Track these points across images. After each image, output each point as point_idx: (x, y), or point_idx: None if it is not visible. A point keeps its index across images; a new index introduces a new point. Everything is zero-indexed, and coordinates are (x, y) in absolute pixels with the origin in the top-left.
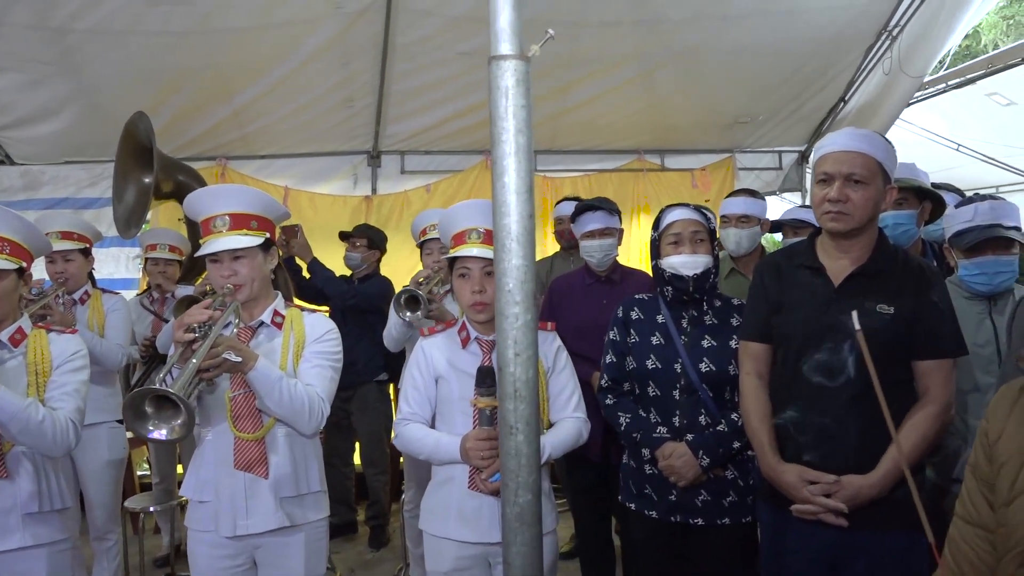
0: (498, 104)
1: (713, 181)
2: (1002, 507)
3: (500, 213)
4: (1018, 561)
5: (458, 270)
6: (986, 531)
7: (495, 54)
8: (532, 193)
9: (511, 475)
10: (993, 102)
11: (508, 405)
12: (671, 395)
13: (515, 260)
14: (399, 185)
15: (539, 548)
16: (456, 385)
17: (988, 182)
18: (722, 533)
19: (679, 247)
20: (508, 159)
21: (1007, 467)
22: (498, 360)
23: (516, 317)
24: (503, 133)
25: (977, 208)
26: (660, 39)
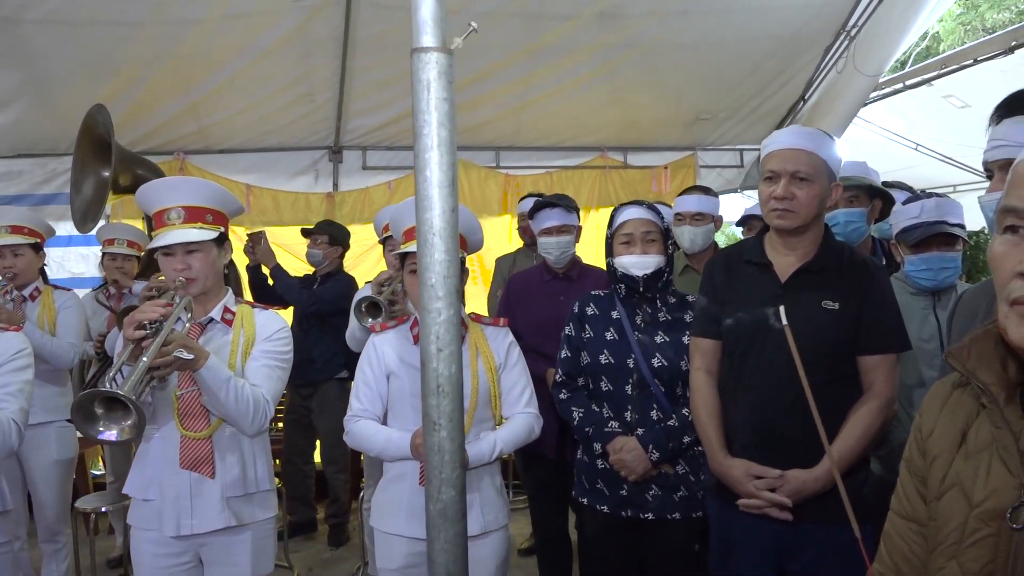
0: (420, 97)
1: (675, 178)
2: (933, 501)
3: (423, 207)
4: (948, 555)
5: (409, 266)
6: (919, 525)
7: (417, 46)
8: (455, 187)
9: (434, 472)
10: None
11: (431, 401)
12: (623, 390)
13: (438, 255)
14: (361, 181)
15: (463, 545)
16: (408, 381)
17: (945, 181)
18: (672, 527)
19: (630, 247)
20: (430, 152)
21: (938, 462)
22: (421, 356)
23: (439, 312)
24: (425, 127)
25: (923, 205)
26: (621, 33)
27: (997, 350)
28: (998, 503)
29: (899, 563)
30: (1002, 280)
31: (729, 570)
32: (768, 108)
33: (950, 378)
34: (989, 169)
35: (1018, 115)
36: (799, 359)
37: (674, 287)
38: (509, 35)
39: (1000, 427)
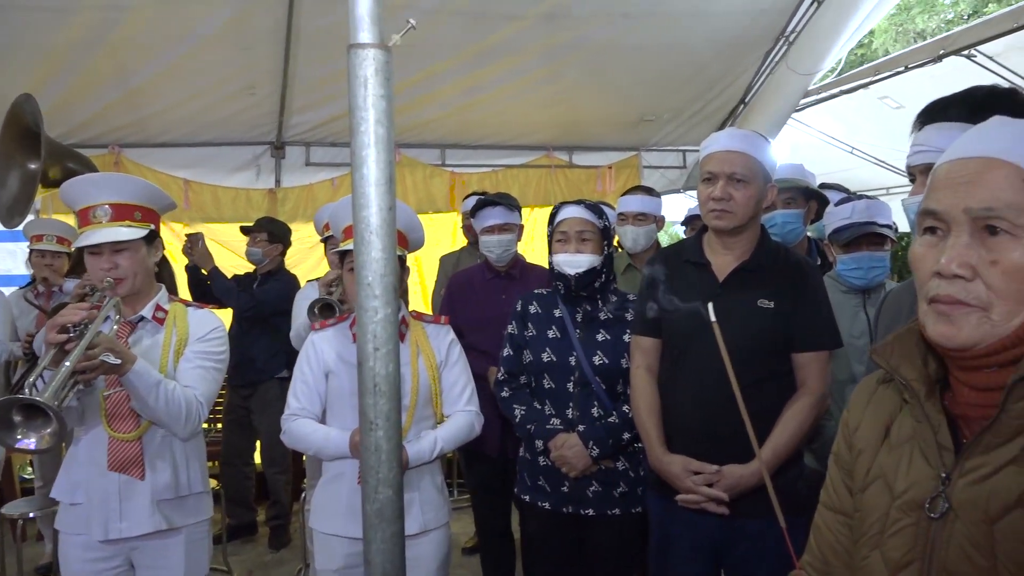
0: (356, 94)
1: (619, 178)
2: (859, 493)
3: (359, 205)
4: (871, 544)
5: (348, 264)
6: (846, 517)
7: (354, 42)
8: (393, 184)
9: (371, 471)
10: (885, 105)
11: (368, 400)
12: (565, 388)
13: (375, 253)
14: (304, 178)
15: (400, 545)
16: (347, 379)
17: (880, 184)
18: (613, 523)
19: (565, 245)
20: (367, 150)
21: (864, 455)
22: (358, 354)
23: (376, 311)
24: (362, 123)
25: (855, 206)
26: (566, 34)
27: (918, 347)
28: (918, 494)
29: (827, 554)
30: (921, 279)
31: (668, 564)
32: (710, 110)
33: (876, 374)
34: (912, 173)
35: (938, 122)
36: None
37: (615, 286)
38: (455, 34)
39: (921, 421)
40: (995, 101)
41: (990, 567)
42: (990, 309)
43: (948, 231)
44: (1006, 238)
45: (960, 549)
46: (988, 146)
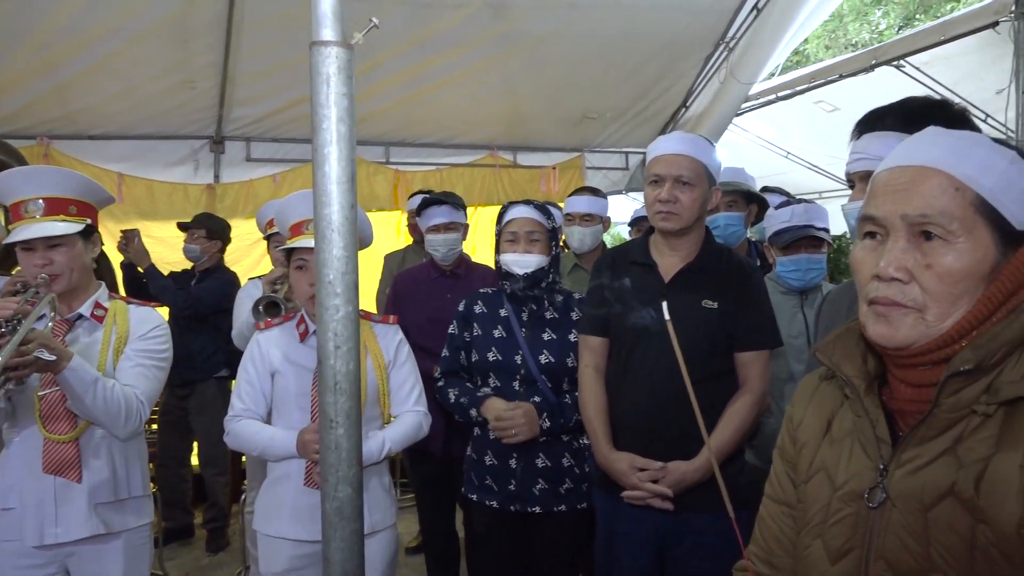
0: (319, 91)
1: (563, 179)
2: (802, 485)
3: (321, 203)
4: (814, 533)
5: (295, 262)
6: (790, 508)
7: (316, 39)
8: (354, 183)
9: (331, 470)
10: (819, 110)
11: (328, 398)
12: (511, 387)
13: (336, 251)
14: (245, 173)
15: (359, 544)
16: (293, 379)
17: (813, 188)
18: (559, 520)
19: (514, 245)
20: (329, 147)
21: (807, 449)
22: (318, 352)
23: (337, 309)
24: (324, 121)
25: (794, 210)
26: (509, 23)
27: (858, 345)
28: (857, 485)
29: (771, 544)
30: (861, 282)
31: (613, 560)
32: (651, 112)
33: (818, 371)
34: (851, 180)
35: (876, 130)
36: (680, 354)
37: (561, 285)
38: (398, 23)
39: (860, 416)
40: (929, 111)
41: (924, 553)
42: (925, 310)
43: (886, 236)
44: (939, 243)
45: (897, 536)
46: (923, 156)
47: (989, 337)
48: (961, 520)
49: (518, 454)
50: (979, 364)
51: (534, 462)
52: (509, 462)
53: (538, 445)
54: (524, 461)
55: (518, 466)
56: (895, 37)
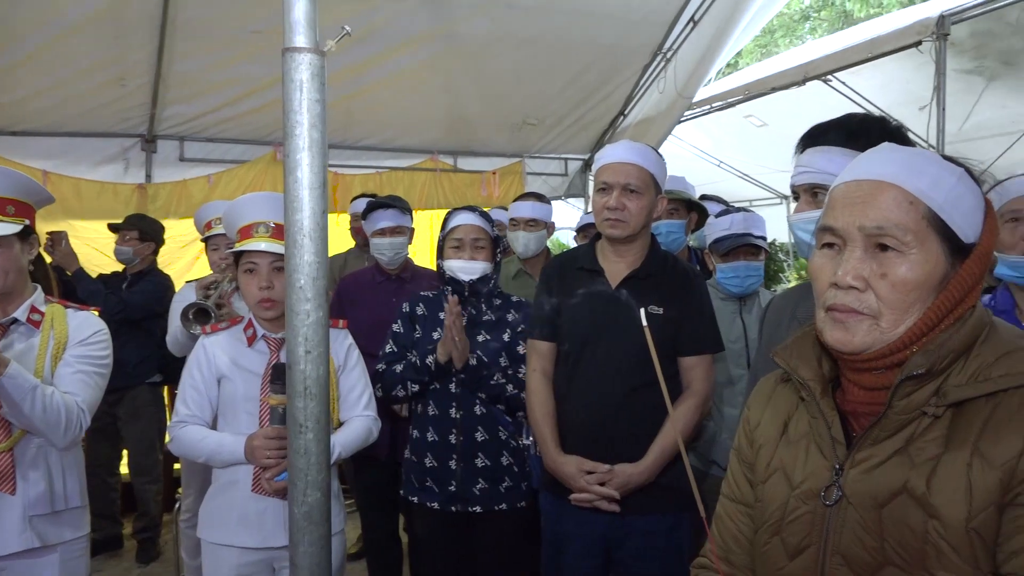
0: (292, 98)
1: (503, 183)
2: (759, 484)
3: (292, 208)
4: (772, 531)
5: (244, 265)
6: (747, 507)
7: (289, 46)
8: (326, 189)
9: (300, 474)
10: (749, 123)
11: (298, 403)
12: (448, 388)
13: (307, 256)
14: (177, 173)
15: (327, 548)
16: (241, 385)
17: (744, 196)
18: (500, 519)
19: (460, 251)
20: (301, 154)
21: (764, 449)
22: (288, 357)
23: (307, 314)
24: (296, 127)
25: (733, 219)
26: (448, 24)
27: (814, 349)
28: (814, 484)
29: (728, 542)
30: (820, 289)
31: (561, 562)
32: (590, 119)
33: (774, 374)
34: (796, 192)
35: (819, 145)
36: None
37: (500, 289)
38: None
39: (816, 417)
40: (868, 127)
41: (878, 547)
42: (880, 317)
43: (844, 246)
44: (894, 254)
45: (852, 532)
46: (880, 170)
47: (938, 343)
48: (914, 516)
49: (457, 455)
50: (930, 369)
51: (473, 462)
52: (449, 463)
53: (477, 445)
54: (464, 461)
55: (458, 467)
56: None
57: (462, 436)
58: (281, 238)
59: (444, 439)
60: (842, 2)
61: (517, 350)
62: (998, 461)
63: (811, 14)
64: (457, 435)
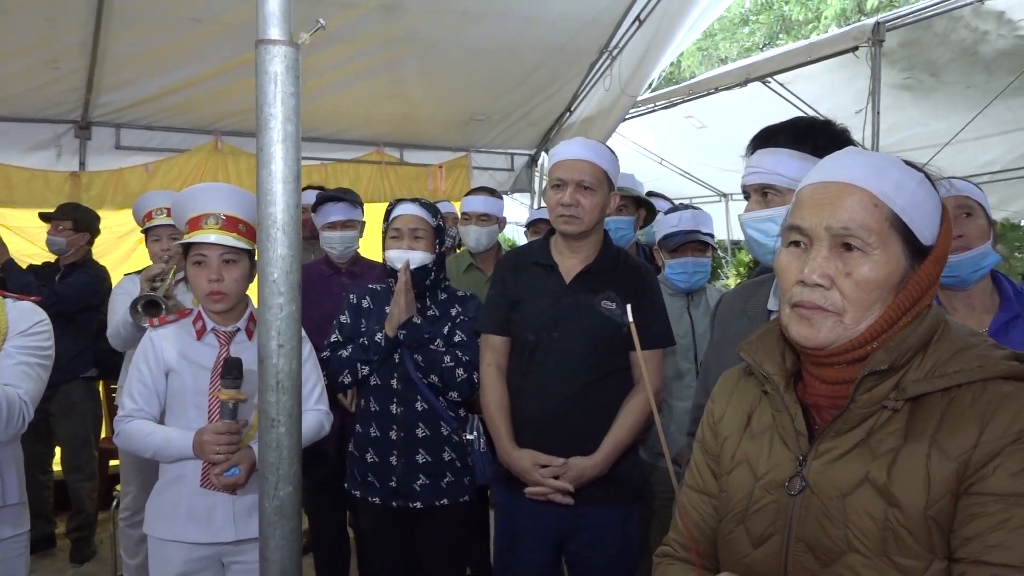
0: (266, 90)
1: (449, 177)
2: (724, 475)
3: (265, 202)
4: (736, 520)
5: (193, 257)
6: (711, 497)
7: (263, 38)
8: (299, 182)
9: (271, 468)
10: (690, 124)
11: (270, 397)
12: (389, 383)
13: (280, 250)
14: (113, 162)
15: (298, 541)
16: (190, 378)
17: (686, 194)
18: (442, 514)
19: (399, 241)
20: (275, 147)
21: (728, 441)
22: (260, 351)
23: (280, 308)
24: (271, 120)
25: (682, 216)
26: (401, 26)
27: (778, 344)
28: (778, 475)
29: (692, 531)
30: (786, 286)
31: (514, 554)
32: (537, 116)
33: (737, 368)
34: (747, 191)
35: (769, 147)
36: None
37: (448, 283)
38: None
39: (780, 410)
40: (816, 130)
41: (841, 535)
42: (843, 314)
43: (810, 245)
44: (858, 254)
45: (815, 521)
46: (846, 173)
47: (899, 340)
48: (875, 505)
49: (398, 451)
50: (892, 364)
51: (414, 458)
52: (390, 459)
53: (418, 441)
54: (405, 458)
55: (399, 463)
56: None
57: (403, 432)
58: (232, 230)
59: (385, 435)
60: (779, 6)
61: (453, 339)
62: (954, 452)
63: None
64: (398, 431)
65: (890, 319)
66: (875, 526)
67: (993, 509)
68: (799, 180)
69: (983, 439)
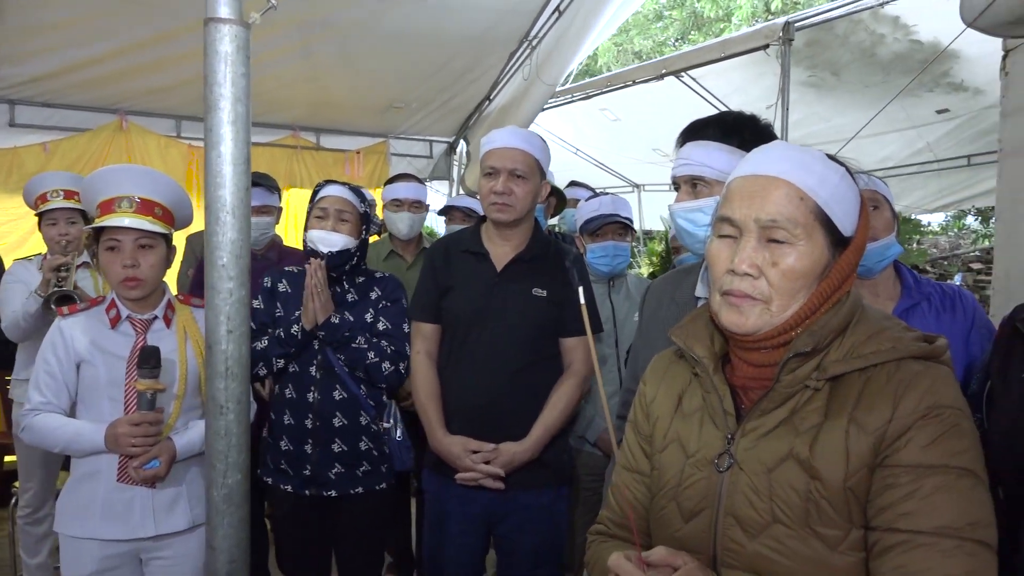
0: (216, 70)
1: (367, 164)
2: (656, 454)
3: (215, 184)
4: (669, 497)
5: (106, 242)
6: (643, 476)
7: (212, 16)
8: (249, 164)
9: (219, 456)
10: (605, 116)
11: (219, 384)
12: (308, 372)
13: (230, 234)
14: (7, 140)
15: (247, 529)
16: (104, 369)
17: (600, 184)
18: (358, 502)
19: (323, 221)
20: (225, 128)
21: (660, 422)
22: (208, 337)
23: (230, 292)
24: (220, 100)
25: (602, 201)
26: (318, 11)
27: (707, 329)
28: (708, 452)
29: (625, 509)
30: (716, 275)
31: (443, 539)
32: (457, 104)
33: (668, 352)
34: (676, 183)
35: (698, 140)
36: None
37: (366, 266)
38: None
39: (710, 392)
40: (742, 124)
41: (767, 508)
42: (770, 302)
43: (740, 236)
44: (785, 245)
45: (743, 495)
46: (773, 167)
47: (820, 325)
48: (798, 478)
49: (313, 440)
50: (815, 347)
51: (330, 447)
52: (304, 447)
53: (334, 430)
54: (320, 447)
55: (314, 451)
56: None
57: (319, 421)
58: (147, 213)
59: (300, 423)
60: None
61: (378, 327)
62: (870, 428)
63: (664, 13)
64: (313, 420)
65: (813, 306)
66: (798, 498)
67: (904, 480)
68: (727, 172)
69: (896, 415)
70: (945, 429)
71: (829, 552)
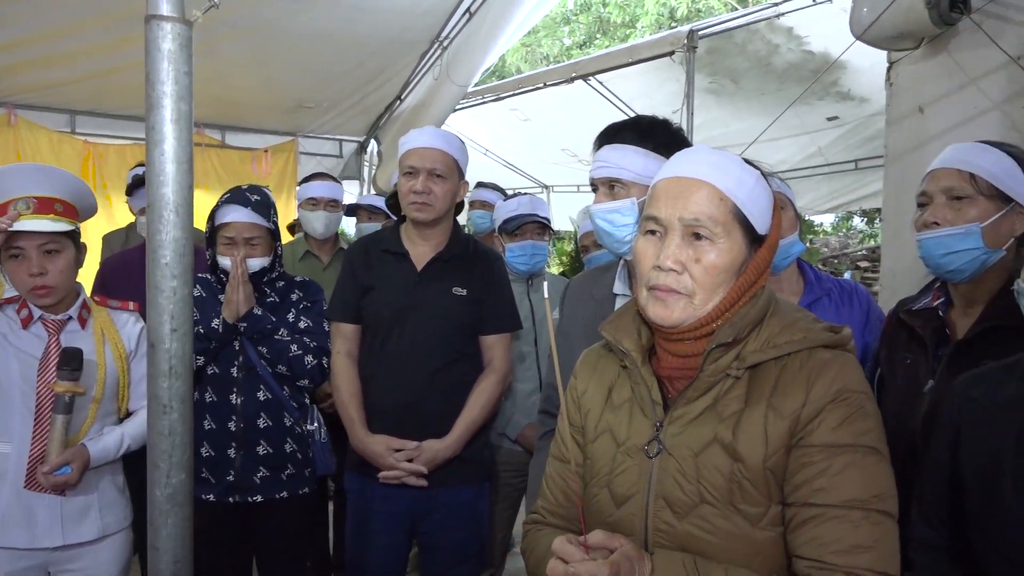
0: (158, 68)
1: (275, 163)
2: (588, 444)
3: (157, 183)
4: (601, 484)
5: (8, 250)
6: (576, 465)
7: (154, 13)
8: (192, 163)
9: (163, 456)
10: (515, 116)
11: (162, 383)
12: (229, 372)
13: (173, 232)
14: None
15: (190, 530)
16: (16, 365)
17: (510, 185)
18: (282, 507)
19: (232, 248)
20: (167, 126)
21: (591, 414)
22: (151, 336)
23: (174, 291)
24: (163, 98)
25: (520, 201)
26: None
27: (634, 323)
28: (638, 440)
29: (559, 498)
30: (643, 271)
31: (367, 538)
32: (368, 104)
33: (597, 346)
34: (594, 184)
35: (615, 143)
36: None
37: (282, 270)
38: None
39: (638, 383)
40: (656, 128)
41: (695, 490)
42: (693, 296)
43: (665, 234)
44: (706, 243)
45: (672, 479)
46: (695, 169)
47: (739, 317)
48: (722, 461)
49: (237, 443)
50: (735, 338)
51: (255, 450)
52: (228, 452)
53: (259, 432)
54: (244, 450)
55: (237, 455)
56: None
57: (243, 423)
58: (47, 212)
59: (223, 427)
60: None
61: (299, 325)
62: (786, 412)
63: (571, 17)
64: (237, 423)
65: (732, 299)
66: (723, 479)
67: (817, 459)
68: (643, 174)
69: (809, 399)
70: (852, 411)
71: (751, 528)
